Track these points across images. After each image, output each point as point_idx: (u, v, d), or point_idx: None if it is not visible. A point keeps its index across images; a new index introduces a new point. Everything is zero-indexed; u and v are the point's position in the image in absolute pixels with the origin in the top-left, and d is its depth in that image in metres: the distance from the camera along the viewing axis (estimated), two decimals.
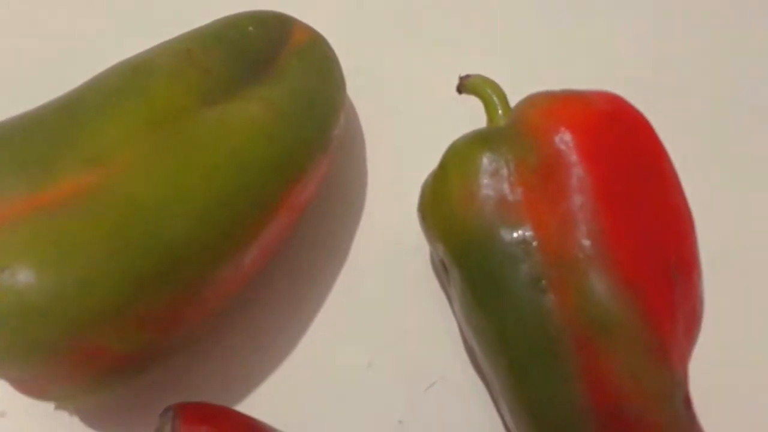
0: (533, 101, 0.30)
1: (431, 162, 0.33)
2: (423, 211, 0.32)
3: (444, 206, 0.30)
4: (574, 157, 0.27)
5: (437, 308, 0.35)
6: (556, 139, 0.28)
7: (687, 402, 0.27)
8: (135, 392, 0.30)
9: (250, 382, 0.33)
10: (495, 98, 0.32)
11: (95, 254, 0.23)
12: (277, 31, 0.33)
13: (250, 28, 0.32)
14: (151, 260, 0.24)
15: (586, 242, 0.27)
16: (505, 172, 0.28)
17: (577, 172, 0.27)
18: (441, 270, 0.33)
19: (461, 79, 0.33)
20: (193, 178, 0.26)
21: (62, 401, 0.26)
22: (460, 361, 0.34)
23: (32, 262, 0.23)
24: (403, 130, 0.39)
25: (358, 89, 0.38)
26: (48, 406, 0.31)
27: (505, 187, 0.28)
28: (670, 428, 0.27)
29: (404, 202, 0.36)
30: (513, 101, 0.32)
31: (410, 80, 0.40)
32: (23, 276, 0.22)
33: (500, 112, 0.32)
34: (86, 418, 0.31)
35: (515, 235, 0.28)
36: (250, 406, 0.32)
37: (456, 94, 0.33)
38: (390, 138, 0.39)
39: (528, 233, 0.27)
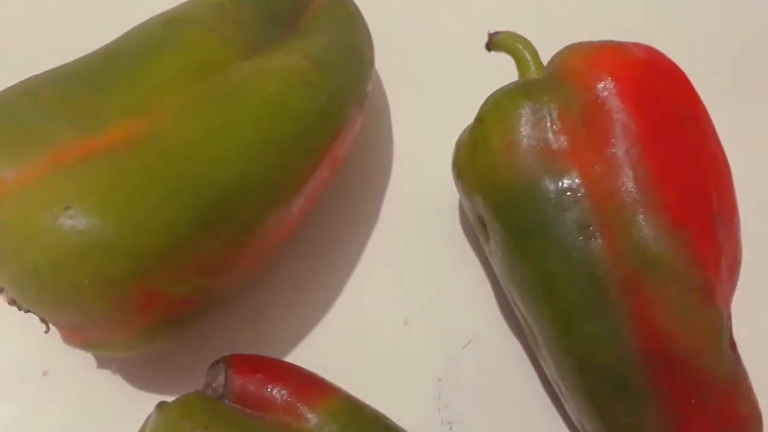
0: (573, 51, 0.30)
1: (460, 121, 0.33)
2: (459, 166, 0.32)
3: (484, 159, 0.30)
4: (617, 104, 0.28)
5: (469, 269, 0.36)
6: (599, 86, 0.28)
7: (732, 344, 0.28)
8: (177, 351, 0.30)
9: (291, 339, 0.33)
10: (527, 54, 0.32)
11: (153, 197, 0.23)
12: None
13: None
14: (206, 204, 0.24)
15: (634, 186, 0.27)
16: (547, 121, 0.29)
17: (622, 118, 0.28)
18: (477, 226, 0.33)
19: (491, 36, 0.33)
20: (240, 126, 0.26)
21: (114, 351, 0.26)
22: (494, 320, 0.35)
23: (93, 204, 0.22)
24: (431, 91, 0.39)
25: (384, 49, 0.38)
26: (90, 366, 0.30)
27: (549, 135, 0.28)
28: (717, 368, 0.27)
29: (433, 163, 0.36)
30: (543, 58, 0.32)
31: (438, 39, 0.40)
32: (85, 217, 0.22)
33: (532, 67, 0.32)
34: (128, 377, 0.30)
35: (562, 182, 0.28)
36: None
37: (485, 51, 0.34)
38: (418, 99, 0.39)
39: (575, 180, 0.28)
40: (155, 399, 0.30)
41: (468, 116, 0.32)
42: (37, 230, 0.22)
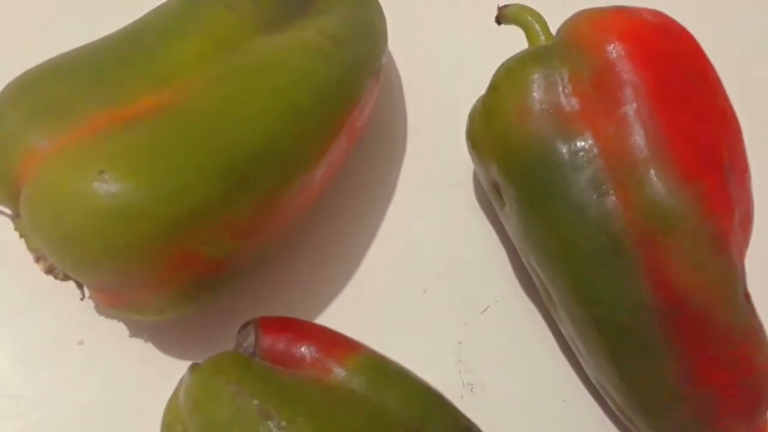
0: (582, 17, 0.31)
1: (471, 95, 0.34)
2: (473, 135, 0.33)
3: (498, 125, 0.31)
4: (627, 65, 0.28)
5: (484, 238, 0.36)
6: (609, 49, 0.29)
7: (747, 295, 0.28)
8: (206, 317, 0.31)
9: (314, 307, 0.34)
10: (536, 25, 0.33)
11: (182, 162, 0.24)
12: None
13: None
14: (233, 168, 0.25)
15: (645, 143, 0.28)
16: (559, 85, 0.29)
17: (631, 79, 0.28)
18: (492, 194, 0.34)
19: (500, 8, 0.34)
20: (261, 95, 0.27)
21: (147, 315, 0.27)
22: (510, 286, 0.35)
23: (126, 168, 0.24)
24: (442, 66, 0.39)
25: (395, 26, 0.38)
26: (123, 334, 0.31)
27: (561, 99, 0.29)
28: (732, 320, 0.28)
29: (446, 136, 0.37)
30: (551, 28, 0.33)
31: (447, 13, 0.41)
32: (119, 180, 0.23)
33: (542, 38, 0.33)
34: (159, 344, 0.32)
35: (575, 143, 0.29)
36: None
37: (495, 24, 0.34)
38: (429, 74, 0.39)
39: (588, 140, 0.28)
40: (186, 365, 0.31)
41: (479, 89, 0.33)
42: (74, 195, 0.23)
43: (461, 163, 0.37)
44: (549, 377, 0.33)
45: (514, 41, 0.33)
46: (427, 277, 0.35)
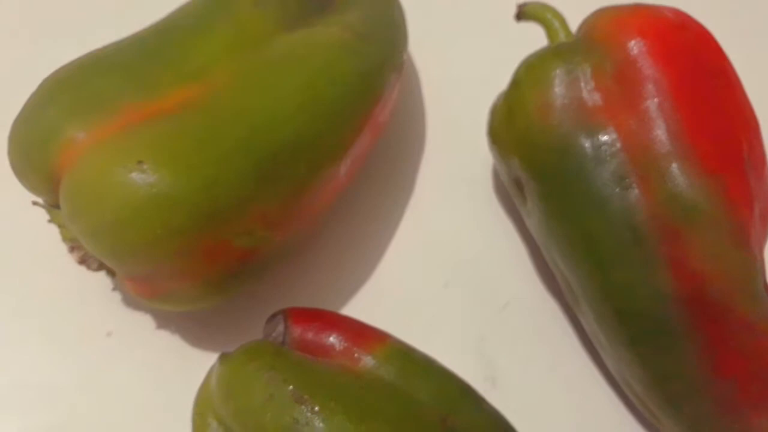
0: (603, 14, 0.31)
1: (490, 93, 0.34)
2: (494, 131, 0.33)
3: (520, 121, 0.31)
4: (648, 60, 0.29)
5: (505, 234, 0.37)
6: (630, 44, 0.29)
7: (767, 286, 0.29)
8: (233, 310, 0.32)
9: (336, 302, 0.34)
10: (556, 22, 0.34)
11: (215, 153, 0.25)
12: None
13: None
14: (263, 160, 0.26)
15: (667, 137, 0.28)
16: (581, 80, 0.30)
17: (653, 75, 0.29)
18: (513, 190, 0.34)
19: (519, 6, 0.34)
20: (288, 90, 0.28)
21: (179, 304, 0.27)
22: (532, 282, 0.36)
23: (162, 159, 0.24)
24: (461, 63, 0.40)
25: (416, 24, 0.39)
26: (151, 326, 0.32)
27: (583, 94, 0.30)
28: (752, 310, 0.28)
29: (466, 134, 0.38)
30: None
31: (467, 12, 0.42)
32: (156, 171, 0.24)
33: (562, 34, 0.33)
34: (187, 336, 0.32)
35: (598, 137, 0.29)
36: None
37: (514, 22, 0.35)
38: (448, 71, 0.40)
39: (611, 134, 0.29)
40: (213, 356, 0.32)
41: (498, 86, 0.34)
42: (114, 184, 0.24)
43: (481, 159, 0.37)
44: (570, 372, 0.34)
45: (533, 39, 0.34)
46: (448, 272, 0.35)
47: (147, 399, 0.31)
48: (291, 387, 0.24)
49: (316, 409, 0.23)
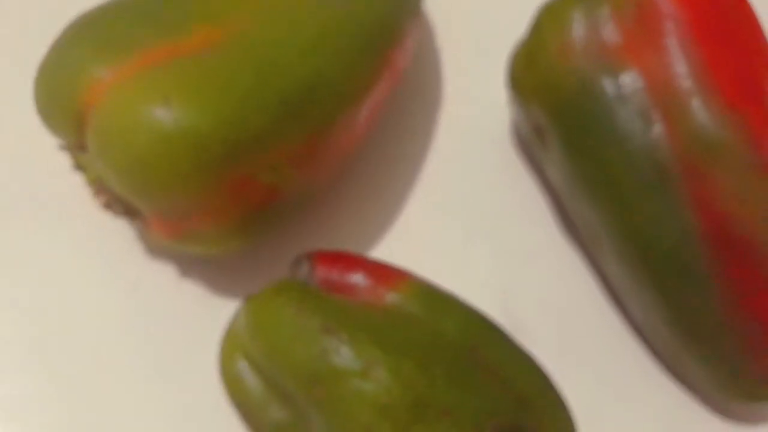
0: None
1: (510, 39, 0.34)
2: (515, 78, 0.33)
3: (541, 65, 0.31)
4: (668, 0, 0.29)
5: (525, 190, 0.37)
6: None
7: None
8: (256, 257, 0.32)
9: (355, 248, 0.34)
10: None
11: (240, 90, 0.25)
12: None
13: None
14: (286, 97, 0.27)
15: (689, 74, 0.28)
16: (601, 21, 0.30)
17: (672, 12, 0.29)
18: (534, 139, 0.34)
19: None
20: (308, 31, 0.28)
21: (205, 245, 0.27)
22: (553, 234, 0.36)
23: (189, 95, 0.24)
24: (479, 13, 0.40)
25: None
26: (176, 279, 0.32)
27: (604, 34, 0.30)
28: None
29: (483, 88, 0.38)
30: None
31: None
32: (182, 107, 0.24)
33: None
34: (211, 282, 0.32)
35: (620, 76, 0.29)
36: None
37: None
38: (466, 18, 0.40)
39: (633, 73, 0.29)
40: (237, 302, 0.32)
41: (517, 33, 0.33)
42: (141, 120, 0.24)
43: (499, 111, 0.37)
44: (593, 322, 0.34)
45: None
46: (468, 224, 0.35)
47: (172, 346, 0.32)
48: (319, 319, 0.24)
49: (345, 338, 0.23)
